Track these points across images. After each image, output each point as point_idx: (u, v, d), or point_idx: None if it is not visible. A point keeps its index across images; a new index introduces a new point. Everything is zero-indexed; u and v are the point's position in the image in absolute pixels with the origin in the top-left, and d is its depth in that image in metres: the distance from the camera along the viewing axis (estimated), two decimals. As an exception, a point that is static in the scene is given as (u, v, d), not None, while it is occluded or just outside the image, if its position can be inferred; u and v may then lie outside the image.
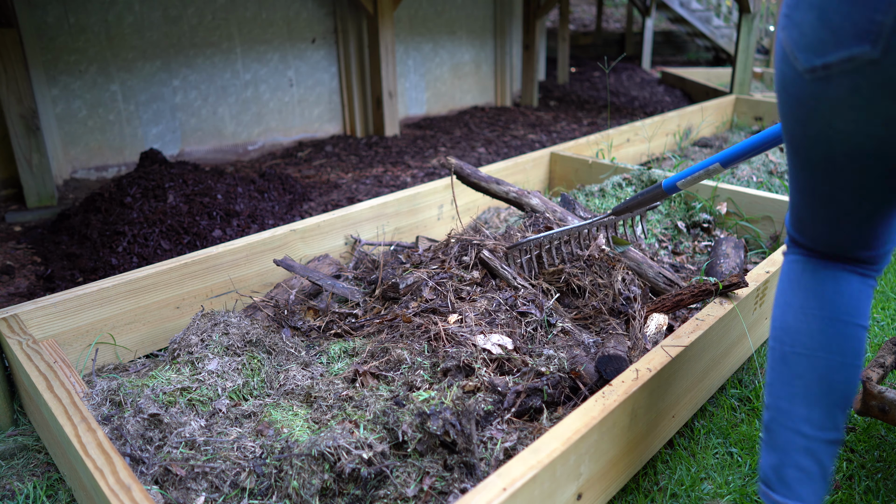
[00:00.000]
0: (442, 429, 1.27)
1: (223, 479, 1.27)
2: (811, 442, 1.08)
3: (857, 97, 0.86)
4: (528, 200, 2.27)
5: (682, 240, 2.51)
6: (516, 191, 2.29)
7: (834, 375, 1.07)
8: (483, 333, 1.63)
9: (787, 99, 0.97)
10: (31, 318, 1.70)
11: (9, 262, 2.58)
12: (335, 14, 4.52)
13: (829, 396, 1.07)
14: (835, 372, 1.07)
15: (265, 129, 4.40)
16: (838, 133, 0.92)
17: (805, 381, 1.08)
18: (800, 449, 1.08)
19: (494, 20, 5.73)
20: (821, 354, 1.08)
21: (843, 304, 1.07)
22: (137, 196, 2.83)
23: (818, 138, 0.95)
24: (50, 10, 3.39)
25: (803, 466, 1.08)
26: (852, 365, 1.08)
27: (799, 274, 1.12)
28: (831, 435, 1.08)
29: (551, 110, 5.70)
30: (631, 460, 1.40)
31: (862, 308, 1.09)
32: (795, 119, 0.97)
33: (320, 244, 2.30)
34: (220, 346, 1.62)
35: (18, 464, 1.55)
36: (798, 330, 1.10)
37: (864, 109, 0.87)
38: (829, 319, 1.08)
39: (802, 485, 1.08)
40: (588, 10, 12.15)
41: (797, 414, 1.09)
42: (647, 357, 1.43)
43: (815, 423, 1.07)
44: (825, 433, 1.07)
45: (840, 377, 1.07)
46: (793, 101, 0.96)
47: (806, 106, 0.93)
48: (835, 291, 1.08)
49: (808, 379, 1.08)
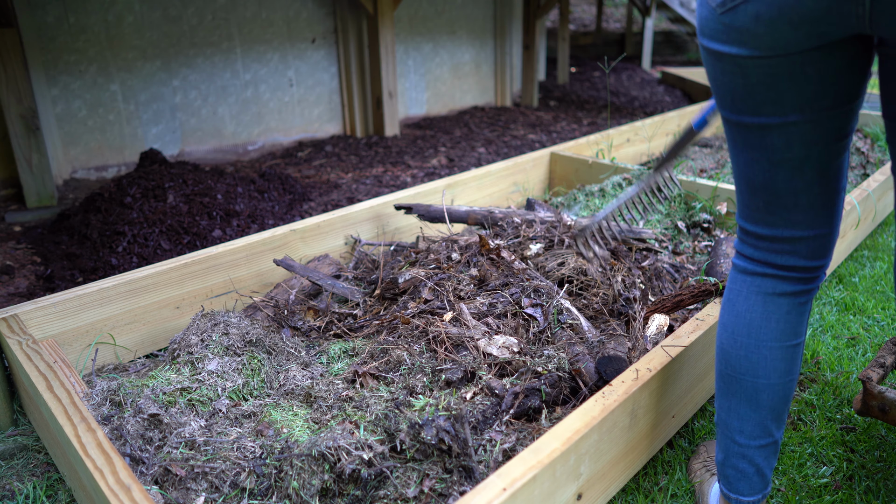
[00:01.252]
0: (436, 437, 1.27)
1: (223, 480, 1.26)
2: (745, 449, 1.19)
3: (759, 23, 0.91)
4: (489, 213, 2.31)
5: (682, 240, 2.51)
6: (477, 211, 2.32)
7: (761, 395, 1.15)
8: (487, 335, 1.63)
9: (704, 41, 1.02)
10: (31, 318, 1.70)
11: (9, 262, 2.58)
12: (335, 14, 4.52)
13: (759, 412, 1.16)
14: (762, 392, 1.15)
15: (265, 129, 4.40)
16: (754, 58, 0.95)
17: (736, 399, 1.18)
18: (735, 454, 1.20)
19: (494, 20, 5.73)
20: (748, 378, 1.15)
21: (770, 329, 1.13)
22: (137, 196, 2.83)
23: (739, 69, 0.98)
24: (50, 10, 3.39)
25: (740, 468, 1.21)
26: (779, 384, 1.15)
27: (735, 295, 1.17)
28: (763, 441, 1.18)
29: (551, 110, 5.70)
30: (631, 460, 1.40)
31: (791, 329, 1.14)
32: (716, 67, 1.02)
33: (320, 244, 2.30)
34: (220, 346, 1.62)
35: (18, 464, 1.55)
36: (729, 353, 1.17)
37: (770, 34, 0.91)
38: (754, 347, 1.14)
39: (740, 482, 1.22)
40: (588, 10, 12.15)
41: (732, 425, 1.20)
42: (647, 357, 1.43)
43: (747, 433, 1.18)
44: (756, 441, 1.18)
45: (767, 396, 1.15)
46: (710, 40, 1.00)
47: (718, 40, 0.98)
48: (763, 317, 1.13)
49: (739, 398, 1.17)
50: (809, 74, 0.93)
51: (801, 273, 1.12)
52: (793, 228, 1.08)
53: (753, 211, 1.11)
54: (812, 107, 0.96)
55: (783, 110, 0.97)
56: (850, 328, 2.11)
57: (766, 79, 0.96)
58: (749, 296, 1.14)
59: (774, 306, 1.12)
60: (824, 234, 1.09)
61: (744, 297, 1.15)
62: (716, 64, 1.01)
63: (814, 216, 1.07)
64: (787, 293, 1.12)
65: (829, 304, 2.27)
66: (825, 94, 0.95)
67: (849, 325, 2.13)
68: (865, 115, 4.05)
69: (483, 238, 1.97)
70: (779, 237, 1.10)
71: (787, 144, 1.00)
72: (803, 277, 1.12)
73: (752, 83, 0.97)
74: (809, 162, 1.01)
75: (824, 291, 2.35)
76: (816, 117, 0.97)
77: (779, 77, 0.95)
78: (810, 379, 1.87)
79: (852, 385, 1.83)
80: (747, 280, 1.15)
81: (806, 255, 1.10)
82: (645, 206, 1.99)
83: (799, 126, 0.98)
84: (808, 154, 1.01)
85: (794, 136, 0.99)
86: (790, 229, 1.08)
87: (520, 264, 1.91)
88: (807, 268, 1.11)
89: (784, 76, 0.94)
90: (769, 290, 1.13)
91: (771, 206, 1.07)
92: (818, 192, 1.04)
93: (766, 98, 0.97)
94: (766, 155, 1.03)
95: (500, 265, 1.91)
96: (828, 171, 1.03)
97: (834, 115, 0.98)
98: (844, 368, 1.90)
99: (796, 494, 1.45)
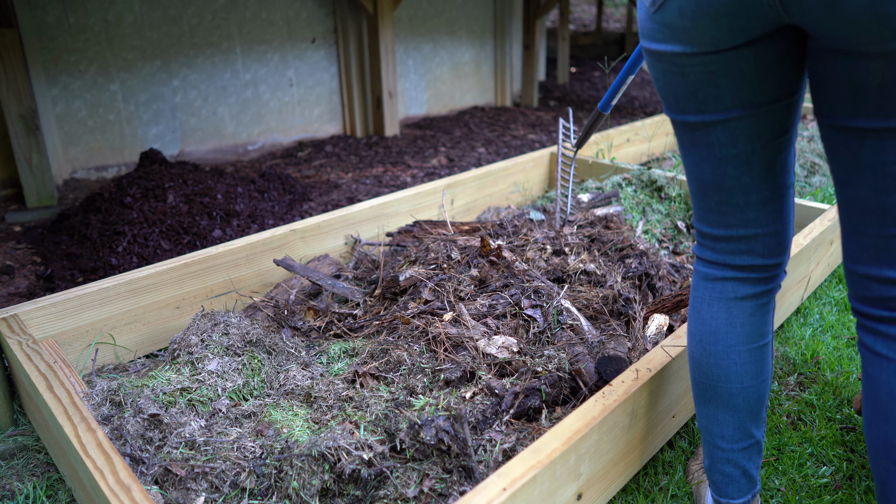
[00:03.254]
0: (435, 438, 1.27)
1: (223, 480, 1.27)
2: (728, 453, 1.20)
3: (684, 18, 0.93)
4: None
5: (682, 240, 2.51)
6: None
7: (736, 399, 1.16)
8: (486, 335, 1.63)
9: (644, 42, 1.04)
10: (31, 318, 1.70)
11: (9, 262, 2.58)
12: (335, 14, 4.52)
13: (736, 416, 1.17)
14: (736, 396, 1.16)
15: (265, 129, 4.40)
16: (691, 56, 0.97)
17: (713, 406, 1.19)
18: (720, 459, 1.21)
19: (494, 20, 5.73)
20: (721, 384, 1.16)
21: (736, 334, 1.14)
22: (137, 196, 2.83)
23: (678, 67, 1.00)
24: (50, 10, 3.39)
25: (726, 472, 1.22)
26: (751, 386, 1.16)
27: (699, 303, 1.17)
28: (745, 444, 1.19)
29: (551, 110, 5.70)
30: (631, 460, 1.40)
31: (756, 331, 1.14)
32: (656, 68, 1.04)
33: (320, 244, 2.30)
34: (220, 346, 1.62)
35: (18, 464, 1.55)
36: (699, 361, 1.18)
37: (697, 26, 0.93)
38: (722, 353, 1.15)
39: (728, 486, 1.23)
40: (588, 10, 12.15)
41: (713, 431, 1.21)
42: (647, 357, 1.43)
43: (728, 438, 1.19)
44: (738, 444, 1.19)
45: (742, 399, 1.16)
46: (647, 41, 1.02)
47: (655, 39, 1.00)
48: (727, 322, 1.14)
49: (716, 404, 1.18)
50: (745, 70, 0.95)
51: (759, 273, 1.13)
52: (746, 227, 1.09)
53: (707, 212, 1.12)
54: (752, 102, 0.98)
55: (724, 106, 0.99)
56: (850, 328, 2.11)
57: (704, 76, 0.97)
58: (712, 302, 1.15)
59: (738, 310, 1.13)
60: (777, 230, 1.11)
61: (707, 304, 1.16)
62: (656, 64, 1.03)
63: (765, 213, 1.09)
64: (749, 296, 1.13)
65: (829, 304, 2.27)
66: (763, 89, 0.97)
67: (849, 325, 2.13)
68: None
69: (484, 239, 1.97)
70: (734, 237, 1.11)
71: (733, 140, 1.02)
72: (762, 277, 1.13)
73: (691, 81, 0.99)
74: (755, 156, 1.03)
75: (824, 291, 2.35)
76: (757, 112, 0.99)
77: (716, 74, 0.96)
78: (810, 379, 1.87)
79: (852, 385, 1.83)
80: (709, 286, 1.16)
81: (763, 254, 1.11)
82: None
83: (742, 120, 1.00)
84: (754, 149, 1.02)
85: (738, 132, 1.01)
86: (744, 228, 1.10)
87: (521, 265, 1.91)
88: (765, 266, 1.12)
89: (721, 73, 0.96)
90: (730, 294, 1.14)
91: (723, 206, 1.09)
92: (766, 186, 1.06)
93: (708, 95, 0.99)
94: (713, 152, 1.05)
95: (499, 266, 1.91)
96: (774, 166, 1.05)
97: (774, 109, 1.00)
98: (844, 368, 1.90)
99: (796, 494, 1.45)
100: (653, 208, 2.62)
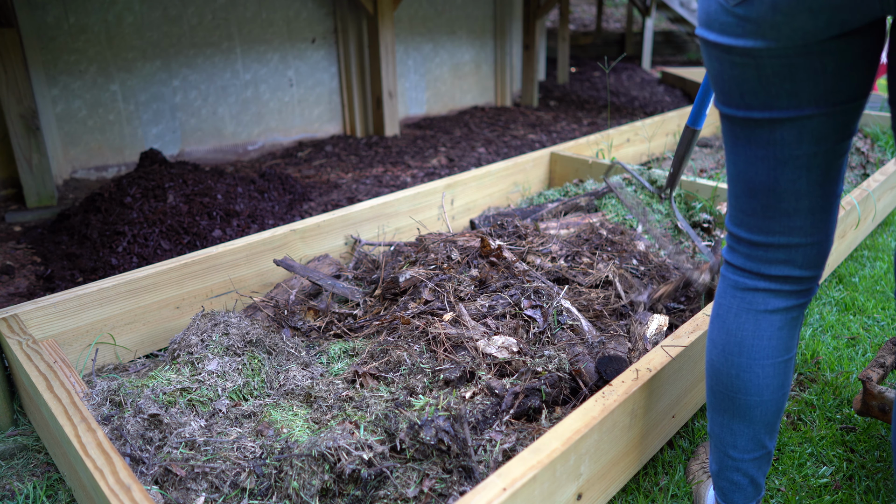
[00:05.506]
0: (435, 438, 1.26)
1: (223, 480, 1.26)
2: (738, 462, 1.19)
3: (777, 13, 0.88)
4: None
5: (682, 240, 2.51)
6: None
7: (754, 412, 1.14)
8: (486, 335, 1.63)
9: (712, 37, 0.98)
10: (31, 318, 1.70)
11: (9, 262, 2.58)
12: (335, 14, 4.52)
13: (752, 428, 1.15)
14: (755, 409, 1.14)
15: (265, 129, 4.40)
16: (768, 48, 0.91)
17: (729, 416, 1.16)
18: (729, 467, 1.20)
19: (494, 20, 5.73)
20: (741, 396, 1.13)
21: (762, 347, 1.10)
22: (137, 196, 2.83)
23: (750, 59, 0.95)
24: (50, 10, 3.39)
25: (734, 480, 1.21)
26: (772, 399, 1.13)
27: (725, 311, 1.13)
28: (757, 454, 1.18)
29: (551, 110, 5.70)
30: (631, 460, 1.40)
31: (783, 345, 1.11)
32: (722, 61, 0.98)
33: (320, 244, 2.30)
34: (220, 346, 1.62)
35: (18, 464, 1.55)
36: (720, 371, 1.15)
37: (789, 23, 0.88)
38: (746, 366, 1.11)
39: (734, 493, 1.22)
40: (588, 10, 12.15)
41: (725, 440, 1.19)
42: (647, 357, 1.43)
43: (741, 448, 1.17)
44: (750, 454, 1.18)
45: (760, 412, 1.14)
46: (718, 34, 0.96)
47: (731, 34, 0.94)
48: (754, 335, 1.10)
49: (731, 414, 1.16)
50: (827, 65, 0.90)
51: (794, 285, 1.08)
52: (790, 235, 1.04)
53: (749, 216, 1.06)
54: (828, 100, 0.93)
55: (799, 103, 0.94)
56: (850, 328, 2.11)
57: (783, 70, 0.92)
58: (739, 313, 1.10)
59: (767, 323, 1.08)
60: (820, 241, 1.06)
61: (734, 314, 1.11)
62: (723, 58, 0.96)
63: (812, 221, 1.03)
64: (780, 309, 1.08)
65: (829, 304, 2.27)
66: (841, 87, 0.93)
67: (849, 325, 2.13)
68: (865, 115, 4.05)
69: (485, 239, 1.97)
70: (774, 244, 1.05)
71: (798, 140, 0.97)
72: (796, 290, 1.08)
73: (766, 75, 0.93)
74: (816, 159, 0.98)
75: (824, 291, 2.35)
76: (831, 111, 0.94)
77: (796, 68, 0.91)
78: (810, 379, 1.87)
79: (852, 385, 1.83)
80: (738, 295, 1.11)
81: (801, 265, 1.06)
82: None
83: (813, 120, 0.95)
84: (817, 151, 0.97)
85: (805, 131, 0.96)
86: (787, 236, 1.04)
87: (521, 265, 1.91)
88: (801, 278, 1.08)
89: (801, 66, 0.90)
90: (760, 306, 1.08)
91: (769, 210, 1.03)
92: (820, 193, 1.01)
93: (782, 91, 0.93)
94: (772, 152, 0.99)
95: (499, 267, 1.91)
96: (830, 172, 1.00)
97: (846, 110, 0.95)
98: (844, 368, 1.90)
99: (796, 494, 1.45)
100: (653, 208, 2.62)
